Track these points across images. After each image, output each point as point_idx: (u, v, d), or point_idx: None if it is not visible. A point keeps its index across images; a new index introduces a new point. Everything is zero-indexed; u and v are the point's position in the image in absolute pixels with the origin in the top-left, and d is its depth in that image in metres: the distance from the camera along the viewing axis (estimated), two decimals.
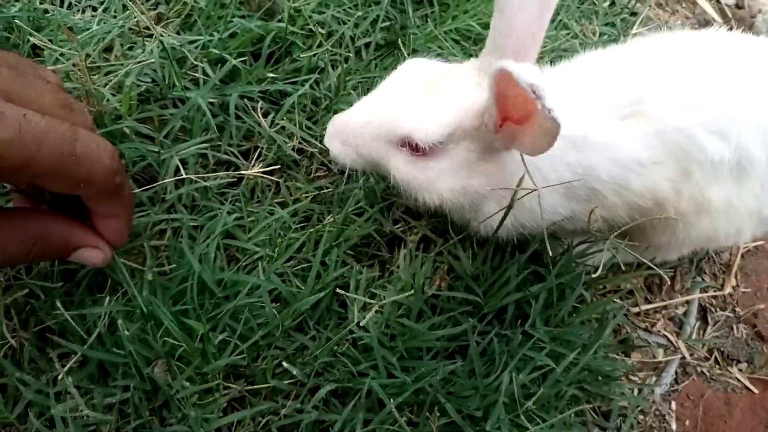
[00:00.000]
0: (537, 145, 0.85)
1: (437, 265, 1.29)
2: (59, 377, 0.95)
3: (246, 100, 1.35)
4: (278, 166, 1.30)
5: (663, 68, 1.07)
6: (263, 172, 1.28)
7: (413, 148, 0.97)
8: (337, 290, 1.10)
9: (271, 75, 1.35)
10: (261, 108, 1.35)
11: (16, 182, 0.88)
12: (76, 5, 1.45)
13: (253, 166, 1.32)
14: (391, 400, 0.99)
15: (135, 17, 1.41)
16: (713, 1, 2.26)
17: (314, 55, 1.43)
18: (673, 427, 1.27)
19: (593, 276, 1.18)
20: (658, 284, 1.43)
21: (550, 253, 1.10)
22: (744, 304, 1.46)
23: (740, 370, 1.37)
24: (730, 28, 2.16)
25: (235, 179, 1.29)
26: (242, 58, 1.40)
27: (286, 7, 1.46)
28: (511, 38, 0.90)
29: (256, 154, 1.34)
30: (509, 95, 0.81)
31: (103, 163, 0.81)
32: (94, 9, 1.46)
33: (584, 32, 1.81)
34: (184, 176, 1.13)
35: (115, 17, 1.43)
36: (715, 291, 1.45)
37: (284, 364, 1.01)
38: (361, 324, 1.02)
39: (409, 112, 0.95)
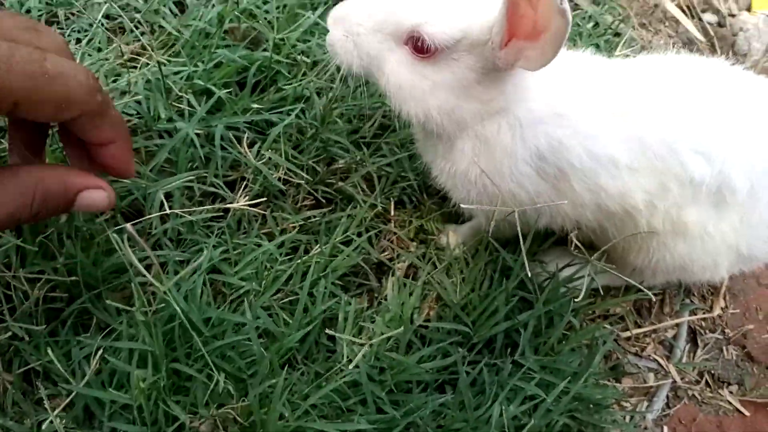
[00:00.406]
0: (545, 53, 0.84)
1: (426, 293, 1.29)
2: (44, 425, 0.93)
3: (232, 130, 1.35)
4: (264, 199, 1.29)
5: (667, 83, 1.08)
6: (249, 205, 1.28)
7: (417, 48, 0.94)
8: (327, 330, 1.09)
9: (256, 106, 1.35)
10: (247, 138, 1.35)
11: None
12: None
13: (240, 196, 1.31)
14: None
15: (119, 49, 1.41)
16: (695, 19, 2.28)
17: (299, 84, 1.43)
18: None
19: (581, 303, 1.18)
20: (648, 307, 1.44)
21: (529, 269, 1.08)
22: (733, 325, 1.46)
23: (731, 392, 1.37)
24: (712, 46, 2.19)
25: (222, 212, 1.28)
26: (227, 89, 1.40)
27: (271, 37, 1.46)
28: None
29: (243, 184, 1.34)
30: (519, 7, 0.81)
31: (78, 80, 0.78)
32: (78, 41, 1.45)
33: None
34: (170, 211, 1.12)
35: (100, 50, 1.42)
36: (704, 313, 1.45)
37: (273, 402, 1.00)
38: (351, 364, 1.01)
39: (423, 6, 0.93)
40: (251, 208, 1.27)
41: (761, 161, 1.04)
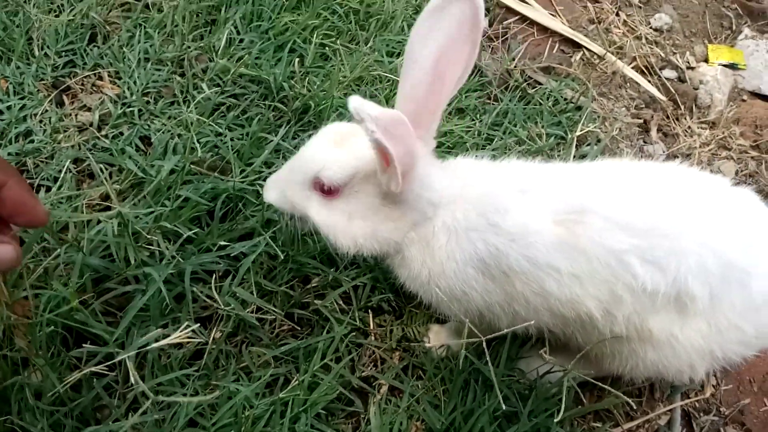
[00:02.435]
0: (396, 179, 0.98)
1: (411, 412, 1.28)
2: None
3: (204, 265, 1.36)
4: (239, 337, 1.30)
5: (614, 189, 1.09)
6: (224, 340, 1.29)
7: (323, 190, 1.09)
8: None
9: (223, 242, 1.36)
10: (218, 271, 1.36)
11: None
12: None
13: (214, 333, 1.31)
14: None
15: (89, 196, 1.44)
16: (655, 77, 2.33)
17: (267, 210, 1.45)
18: None
19: (564, 414, 1.16)
20: (637, 394, 1.42)
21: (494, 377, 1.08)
22: (728, 402, 1.44)
23: None
24: (675, 103, 2.23)
25: (200, 346, 1.28)
26: (196, 222, 1.42)
27: (236, 165, 1.49)
28: (406, 104, 1.02)
29: (218, 318, 1.34)
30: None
31: None
32: (48, 190, 1.48)
33: (531, 136, 1.85)
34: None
35: (70, 198, 1.45)
36: (696, 394, 1.43)
37: None
38: None
39: (319, 157, 1.09)
40: (227, 345, 1.28)
41: (717, 266, 1.03)
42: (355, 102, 0.86)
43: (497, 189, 1.10)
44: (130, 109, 1.64)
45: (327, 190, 1.08)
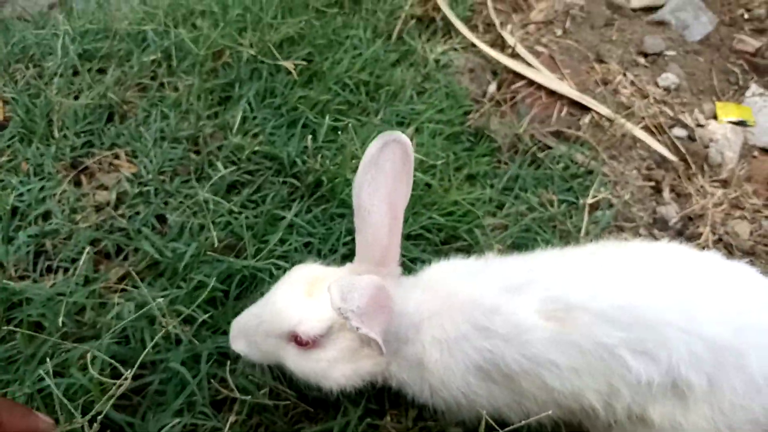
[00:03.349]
0: (377, 347, 1.02)
1: None
2: None
3: (220, 347, 1.37)
4: (253, 420, 1.29)
5: (598, 280, 1.08)
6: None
7: (299, 342, 1.10)
8: None
9: None
10: (233, 352, 1.36)
11: None
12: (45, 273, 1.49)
13: (230, 418, 1.31)
14: None
15: (106, 277, 1.46)
16: (665, 136, 2.34)
17: None
18: None
19: None
20: None
21: None
22: None
23: None
24: (686, 162, 2.23)
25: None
26: (211, 302, 1.43)
27: (250, 244, 1.51)
28: (370, 251, 1.11)
29: (232, 400, 1.34)
30: None
31: None
32: (66, 271, 1.50)
33: (542, 202, 1.86)
34: None
35: (87, 280, 1.47)
36: None
37: None
38: None
39: (294, 310, 1.10)
40: (242, 430, 1.28)
41: (708, 352, 1.00)
42: (337, 300, 0.91)
43: (481, 291, 1.10)
44: (147, 188, 1.67)
45: (302, 342, 1.10)
